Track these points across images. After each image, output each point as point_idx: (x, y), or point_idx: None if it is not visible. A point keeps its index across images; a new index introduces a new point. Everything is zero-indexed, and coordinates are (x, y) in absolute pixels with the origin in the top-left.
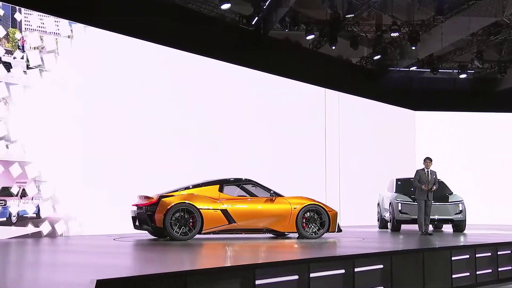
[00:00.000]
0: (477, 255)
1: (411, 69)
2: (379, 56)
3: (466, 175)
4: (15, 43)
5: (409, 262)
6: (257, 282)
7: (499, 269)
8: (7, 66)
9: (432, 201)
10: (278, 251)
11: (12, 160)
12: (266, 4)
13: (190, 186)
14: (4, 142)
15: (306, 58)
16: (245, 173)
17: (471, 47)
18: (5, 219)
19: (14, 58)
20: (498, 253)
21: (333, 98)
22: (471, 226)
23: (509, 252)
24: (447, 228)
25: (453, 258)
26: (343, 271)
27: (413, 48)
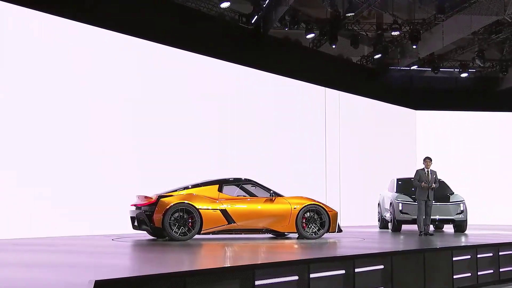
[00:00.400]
0: (478, 256)
1: (412, 68)
2: (379, 55)
3: (467, 174)
4: None
5: (410, 263)
6: (257, 282)
7: (501, 270)
8: None
9: (433, 201)
10: (278, 251)
11: None
12: (266, 2)
13: (189, 186)
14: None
15: (306, 57)
16: (245, 173)
17: (472, 46)
18: None
19: None
20: (500, 253)
21: (333, 97)
22: (473, 226)
23: (511, 252)
24: (448, 228)
25: (454, 259)
26: (343, 271)
27: (414, 47)
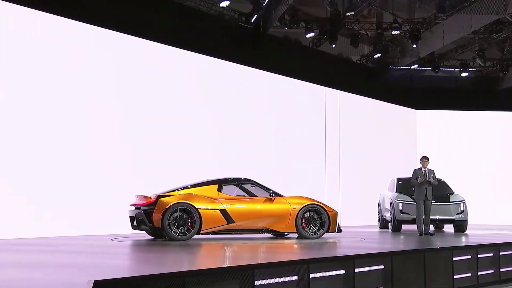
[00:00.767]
0: (479, 256)
1: (412, 67)
2: (379, 54)
3: (467, 174)
4: None
5: (410, 263)
6: (256, 282)
7: (501, 270)
8: None
9: (432, 201)
10: (278, 251)
11: None
12: (266, 1)
13: (189, 186)
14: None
15: (306, 57)
16: (244, 173)
17: (472, 45)
18: None
19: None
20: (500, 253)
21: (333, 96)
22: (473, 226)
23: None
24: (449, 228)
25: (454, 259)
26: (343, 271)
27: (414, 46)
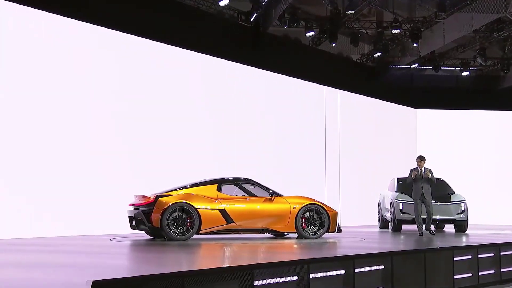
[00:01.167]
0: (479, 256)
1: (413, 66)
2: (380, 53)
3: (468, 174)
4: None
5: (410, 263)
6: (256, 283)
7: (502, 270)
8: None
9: (433, 201)
10: (277, 251)
11: None
12: (265, 0)
13: (188, 186)
14: None
15: (305, 55)
16: (244, 172)
17: (473, 44)
18: None
19: None
20: (501, 253)
21: (333, 96)
22: (474, 226)
23: None
24: (449, 228)
25: (455, 259)
26: (343, 271)
27: (415, 45)
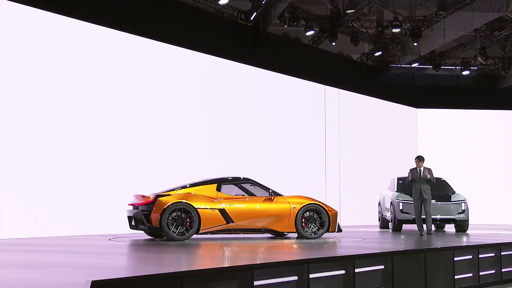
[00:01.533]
0: (480, 256)
1: (413, 65)
2: (380, 53)
3: (469, 173)
4: None
5: (411, 263)
6: (256, 283)
7: (503, 270)
8: None
9: (433, 200)
10: (277, 251)
11: None
12: None
13: (187, 185)
14: None
15: (305, 55)
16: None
17: (474, 43)
18: None
19: None
20: (502, 253)
21: (333, 95)
22: (474, 226)
23: None
24: (450, 228)
25: (455, 259)
26: (343, 271)
27: (415, 44)
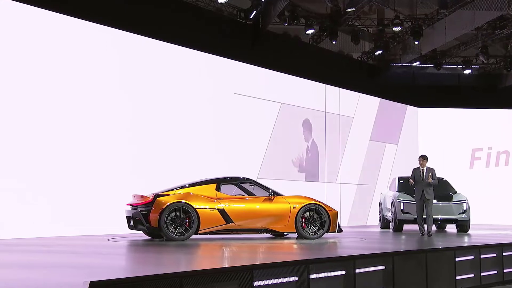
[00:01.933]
0: (481, 256)
1: (414, 64)
2: (381, 51)
3: (470, 173)
4: None
5: (412, 263)
6: (255, 283)
7: (505, 271)
8: None
9: (434, 200)
10: (277, 251)
11: None
12: None
13: (187, 185)
14: None
15: (305, 53)
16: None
17: (475, 41)
18: None
19: None
20: (504, 254)
21: (334, 94)
22: (476, 226)
23: None
24: (451, 228)
25: (457, 259)
26: (343, 272)
27: (416, 43)
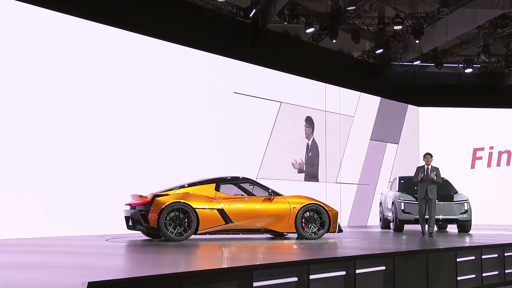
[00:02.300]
0: (483, 257)
1: (415, 63)
2: (381, 50)
3: (471, 173)
4: None
5: (413, 264)
6: (255, 284)
7: (506, 271)
8: None
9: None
10: (277, 252)
11: None
12: None
13: (186, 185)
14: None
15: (305, 52)
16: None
17: (477, 40)
18: None
19: None
20: (505, 254)
21: (334, 93)
22: (477, 226)
23: None
24: (452, 228)
25: (458, 260)
26: (344, 272)
27: (417, 41)
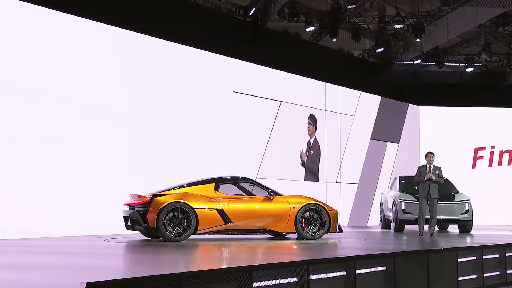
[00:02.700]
0: (484, 257)
1: (416, 62)
2: (382, 49)
3: (472, 172)
4: None
5: (413, 264)
6: (255, 284)
7: (508, 271)
8: None
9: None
10: (276, 252)
11: None
12: None
13: (185, 185)
14: None
15: (305, 51)
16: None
17: (478, 39)
18: None
19: None
20: (507, 254)
21: (334, 92)
22: (478, 226)
23: None
24: (453, 228)
25: (459, 260)
26: (344, 273)
27: (418, 40)
